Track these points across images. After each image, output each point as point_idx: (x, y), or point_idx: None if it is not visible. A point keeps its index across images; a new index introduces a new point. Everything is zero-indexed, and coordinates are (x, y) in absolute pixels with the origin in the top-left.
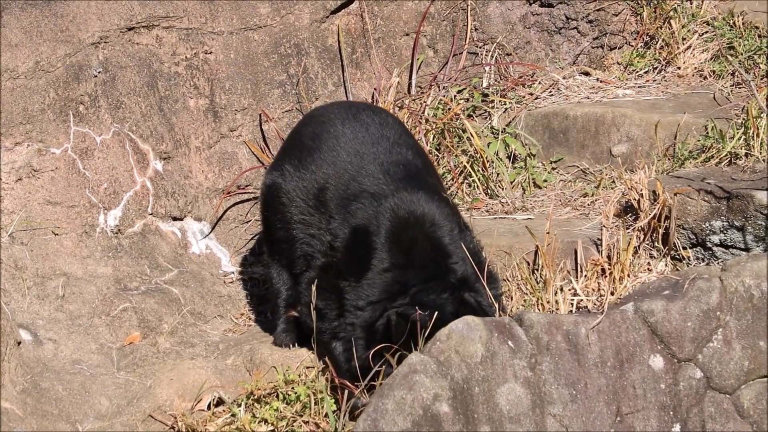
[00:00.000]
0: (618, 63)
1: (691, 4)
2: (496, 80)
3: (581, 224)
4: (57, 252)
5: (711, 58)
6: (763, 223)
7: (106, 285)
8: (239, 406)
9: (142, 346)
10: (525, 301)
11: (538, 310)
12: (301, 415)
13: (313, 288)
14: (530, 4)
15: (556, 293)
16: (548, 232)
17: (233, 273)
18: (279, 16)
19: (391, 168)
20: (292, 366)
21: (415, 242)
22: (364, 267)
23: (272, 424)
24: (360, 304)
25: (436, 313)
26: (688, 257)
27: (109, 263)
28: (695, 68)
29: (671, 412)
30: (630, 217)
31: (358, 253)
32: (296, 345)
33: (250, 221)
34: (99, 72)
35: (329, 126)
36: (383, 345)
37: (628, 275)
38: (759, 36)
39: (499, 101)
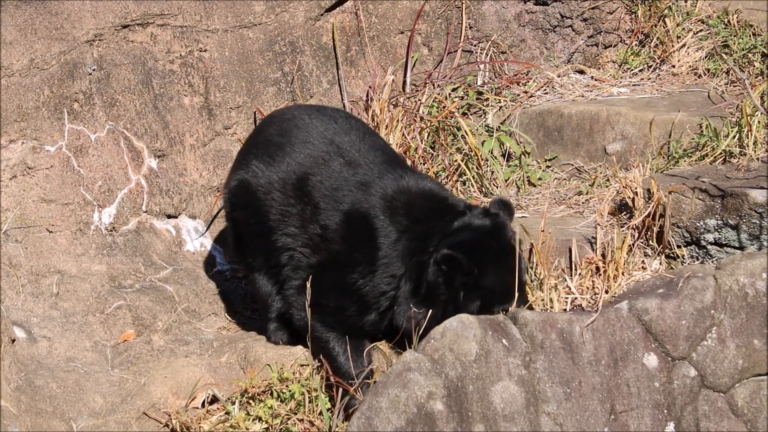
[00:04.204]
0: (613, 61)
1: (685, 2)
2: (490, 78)
3: (576, 222)
4: (51, 249)
5: (706, 57)
6: (758, 222)
7: (100, 283)
8: (233, 403)
9: (137, 344)
10: None
11: (533, 308)
12: (296, 413)
13: (308, 285)
14: (525, 2)
15: (550, 291)
16: (543, 231)
17: (228, 271)
18: (274, 14)
19: (370, 154)
20: (287, 364)
21: (410, 204)
22: (371, 250)
23: (266, 422)
24: (383, 288)
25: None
26: (683, 256)
27: (103, 261)
28: (690, 66)
29: (665, 411)
30: (624, 215)
31: (358, 239)
32: (290, 342)
33: None
34: (93, 70)
35: (297, 121)
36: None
37: (623, 273)
38: (753, 34)
39: (494, 99)
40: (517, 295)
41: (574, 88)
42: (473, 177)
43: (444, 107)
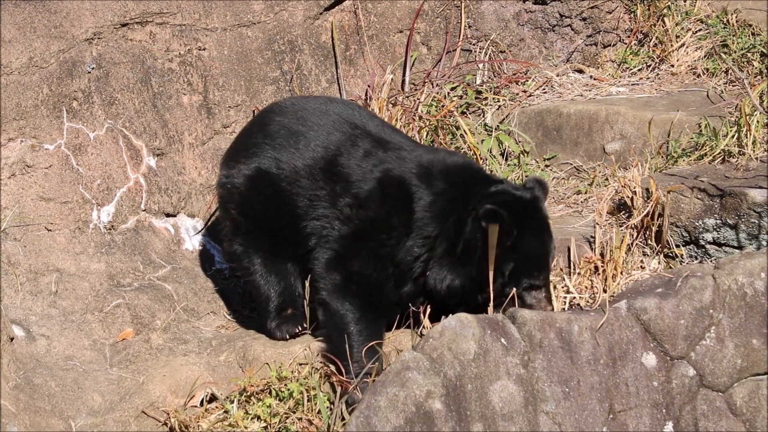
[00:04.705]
0: (611, 60)
1: (684, 2)
2: (489, 77)
3: (574, 222)
4: (50, 248)
5: (704, 56)
6: (756, 221)
7: (99, 281)
8: (232, 402)
9: (135, 343)
10: None
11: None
12: (294, 412)
13: (306, 284)
14: (524, 2)
15: None
16: None
17: (226, 269)
18: (272, 13)
19: (396, 135)
20: (285, 363)
21: (446, 171)
22: (405, 214)
23: (265, 421)
24: (416, 251)
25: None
26: (681, 255)
27: (102, 259)
28: (689, 66)
29: (664, 410)
30: (623, 214)
31: (392, 203)
32: (300, 329)
33: None
34: (92, 68)
35: (314, 109)
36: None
37: (621, 273)
38: (752, 34)
39: (493, 98)
40: (544, 274)
41: (573, 87)
42: None
43: (443, 106)
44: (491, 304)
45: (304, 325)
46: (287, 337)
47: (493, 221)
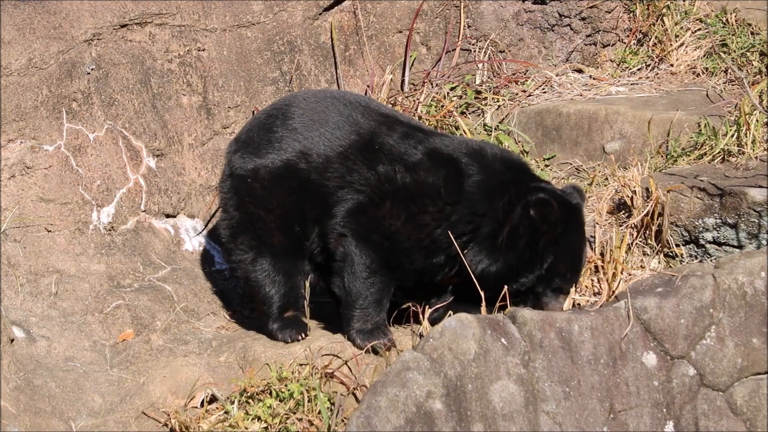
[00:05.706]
0: (611, 60)
1: (684, 1)
2: (489, 77)
3: None
4: (50, 249)
5: (704, 56)
6: (756, 220)
7: (99, 282)
8: (232, 403)
9: (135, 344)
10: None
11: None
12: (294, 413)
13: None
14: (523, 2)
15: None
16: None
17: (226, 270)
18: (272, 13)
19: (430, 128)
20: (286, 363)
21: (499, 156)
22: (454, 187)
23: (265, 422)
24: (461, 229)
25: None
26: (681, 254)
27: (102, 260)
28: (688, 65)
29: (664, 410)
30: (623, 214)
31: (441, 173)
32: (303, 336)
33: None
34: (92, 69)
35: (339, 100)
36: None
37: (622, 272)
38: (752, 33)
39: (492, 98)
40: (575, 279)
41: (573, 87)
42: None
43: (442, 106)
44: (484, 304)
45: (307, 333)
46: (289, 340)
47: (543, 211)
